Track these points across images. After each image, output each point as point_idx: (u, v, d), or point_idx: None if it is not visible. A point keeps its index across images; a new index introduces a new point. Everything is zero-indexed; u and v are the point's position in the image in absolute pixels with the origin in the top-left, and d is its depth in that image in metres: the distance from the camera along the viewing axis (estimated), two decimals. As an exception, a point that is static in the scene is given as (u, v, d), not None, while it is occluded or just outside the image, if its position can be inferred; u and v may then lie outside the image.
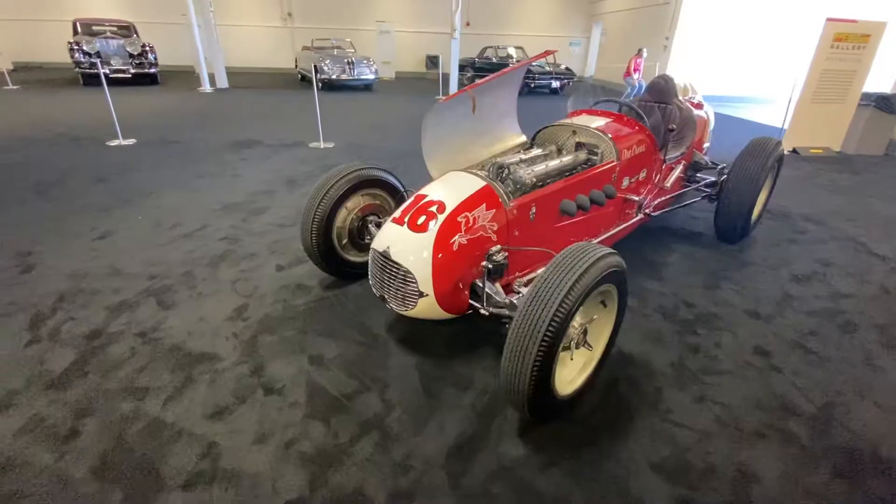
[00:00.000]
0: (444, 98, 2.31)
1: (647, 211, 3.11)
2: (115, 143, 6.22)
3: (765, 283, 3.12)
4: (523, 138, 3.13)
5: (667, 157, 3.30)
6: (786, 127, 7.28)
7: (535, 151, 2.82)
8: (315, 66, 13.06)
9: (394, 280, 2.05)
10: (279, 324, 2.46)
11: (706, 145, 4.38)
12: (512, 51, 15.18)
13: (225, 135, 7.01)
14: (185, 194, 4.40)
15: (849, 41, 6.43)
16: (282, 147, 6.42)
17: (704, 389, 2.11)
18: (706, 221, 4.16)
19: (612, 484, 1.63)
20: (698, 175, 3.94)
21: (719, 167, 3.77)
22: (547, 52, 2.66)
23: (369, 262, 2.20)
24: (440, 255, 1.97)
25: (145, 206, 4.05)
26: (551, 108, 10.79)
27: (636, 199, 2.90)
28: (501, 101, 2.87)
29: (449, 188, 2.18)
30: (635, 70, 12.48)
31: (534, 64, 13.88)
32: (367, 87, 13.99)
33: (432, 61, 18.76)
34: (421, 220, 2.04)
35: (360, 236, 2.78)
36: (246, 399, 1.94)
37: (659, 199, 3.36)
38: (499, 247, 2.10)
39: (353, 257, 2.83)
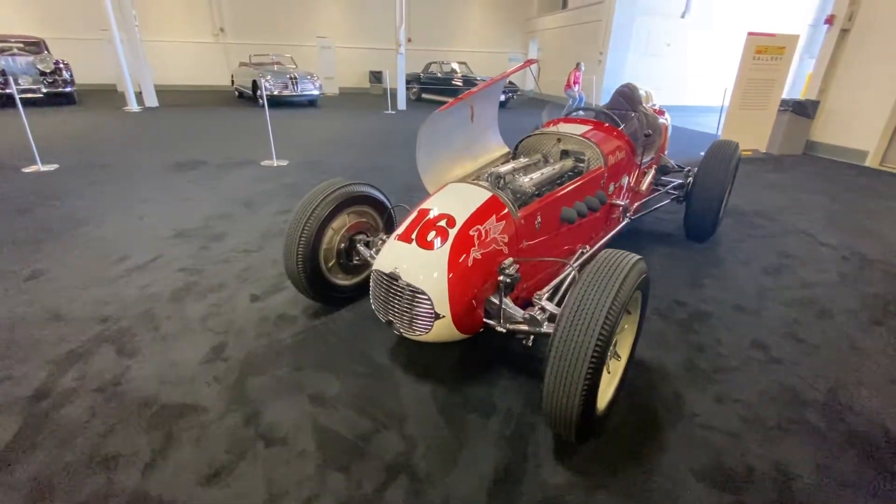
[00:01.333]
0: (441, 107, 2.20)
1: (629, 215, 3.16)
2: (32, 168, 5.49)
3: (741, 277, 3.26)
4: (507, 149, 3.08)
5: (641, 162, 3.39)
6: (720, 133, 7.88)
7: (525, 160, 2.77)
8: (255, 82, 12.61)
9: (404, 303, 1.87)
10: (267, 361, 2.19)
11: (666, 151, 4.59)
12: (455, 66, 15.43)
13: (163, 156, 6.43)
14: (130, 222, 3.92)
15: (768, 53, 7.11)
16: (231, 166, 5.98)
17: (720, 388, 2.12)
18: (673, 222, 4.33)
19: (665, 499, 1.55)
20: (664, 178, 4.10)
21: (685, 170, 3.95)
22: (529, 62, 2.63)
23: (371, 284, 2.02)
24: (455, 273, 1.83)
25: (82, 237, 3.56)
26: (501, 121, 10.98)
27: (622, 203, 2.93)
28: (484, 113, 2.81)
29: (454, 201, 2.05)
30: (575, 83, 13.09)
31: (477, 78, 14.20)
32: (311, 102, 13.60)
33: (375, 76, 18.66)
34: (431, 236, 1.90)
35: (347, 258, 2.57)
36: (245, 454, 1.67)
37: (636, 203, 3.43)
38: (510, 259, 1.99)
39: (342, 280, 2.61)
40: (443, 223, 1.93)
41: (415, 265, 1.85)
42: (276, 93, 12.19)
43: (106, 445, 1.69)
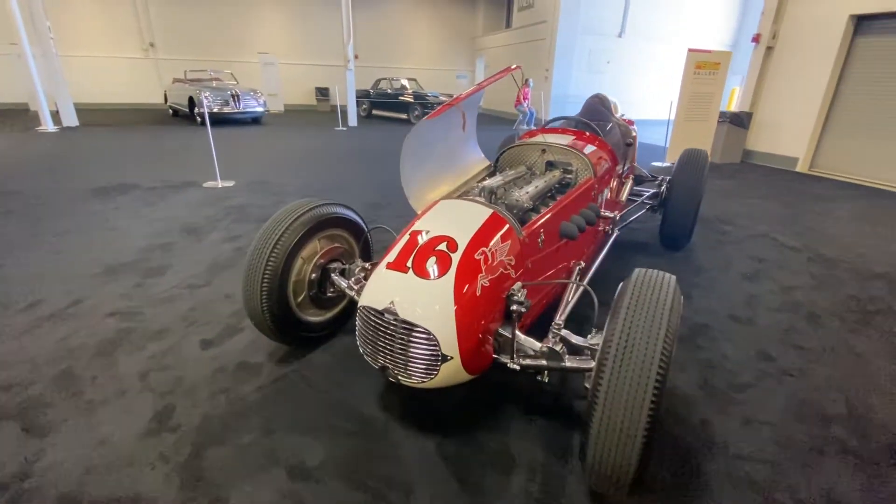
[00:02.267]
0: (430, 115, 1.94)
1: (617, 227, 3.03)
2: (-85, 199, 4.60)
3: (725, 285, 3.22)
4: (487, 162, 2.86)
5: (622, 172, 3.30)
6: (667, 145, 8.22)
7: (512, 173, 2.56)
8: (192, 99, 11.77)
9: (402, 345, 1.56)
10: (228, 427, 1.77)
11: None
12: (405, 82, 15.32)
13: (84, 180, 5.67)
14: (43, 258, 3.29)
15: (706, 68, 7.52)
16: (167, 190, 5.36)
17: (743, 409, 1.97)
18: (645, 231, 4.31)
19: (730, 560, 1.33)
20: (636, 188, 4.07)
21: (659, 179, 3.93)
22: (509, 70, 2.45)
23: (358, 324, 1.69)
24: (462, 305, 1.54)
25: (-23, 281, 2.91)
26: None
27: (611, 215, 2.79)
28: (466, 126, 2.58)
29: (451, 220, 1.78)
30: (524, 98, 13.36)
31: (428, 95, 14.16)
32: (255, 120, 12.92)
33: (322, 93, 18.17)
34: (430, 263, 1.61)
35: (320, 290, 2.21)
36: (209, 564, 1.27)
37: (619, 214, 3.33)
38: (519, 284, 1.74)
39: (313, 317, 2.24)
40: (442, 247, 1.64)
41: (413, 299, 1.55)
42: (216, 110, 11.43)
43: (5, 575, 1.22)
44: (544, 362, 1.65)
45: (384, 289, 1.61)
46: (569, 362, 1.60)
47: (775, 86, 7.99)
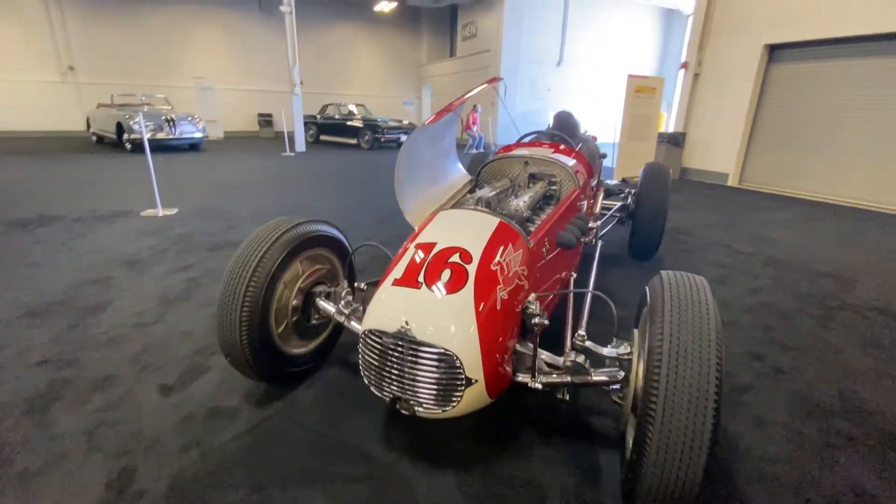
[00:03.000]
0: (428, 120, 1.82)
1: (597, 238, 3.04)
2: None
3: (699, 290, 3.31)
4: (469, 176, 2.79)
5: (597, 184, 3.35)
6: (614, 163, 8.67)
7: (500, 185, 2.49)
8: (120, 125, 10.92)
9: (420, 371, 1.38)
10: (207, 487, 1.48)
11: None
12: (353, 108, 15.23)
13: (-4, 212, 4.96)
14: (-57, 304, 2.75)
15: (644, 92, 8.08)
16: (97, 221, 4.79)
17: (751, 411, 1.96)
18: (610, 243, 4.40)
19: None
20: (604, 201, 4.16)
21: (625, 192, 4.05)
22: (494, 80, 2.42)
23: (362, 352, 1.49)
24: (483, 321, 1.40)
25: None
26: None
27: (595, 226, 2.79)
28: (446, 139, 2.51)
29: (458, 230, 1.65)
30: (473, 124, 13.71)
31: (379, 120, 14.13)
32: (193, 146, 12.18)
33: (265, 120, 17.61)
34: (445, 276, 1.46)
35: (304, 317, 1.97)
36: None
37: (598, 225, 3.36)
38: (534, 295, 1.63)
39: (296, 349, 1.99)
40: (455, 258, 1.50)
41: (430, 317, 1.39)
42: (149, 136, 10.64)
43: None
44: (569, 378, 1.53)
45: (393, 309, 1.44)
46: (598, 377, 1.50)
47: (704, 108, 8.74)
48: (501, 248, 1.60)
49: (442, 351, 1.35)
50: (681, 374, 1.12)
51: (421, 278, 1.46)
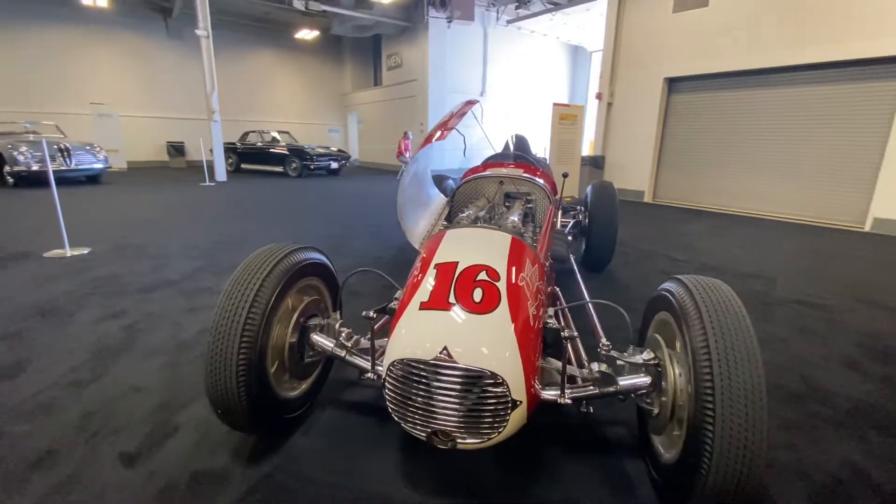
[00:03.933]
0: (436, 138, 1.77)
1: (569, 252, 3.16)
2: None
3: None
4: (444, 198, 2.77)
5: (560, 201, 3.50)
6: (545, 183, 9.20)
7: (482, 204, 2.50)
8: (1, 156, 9.42)
9: (465, 399, 1.30)
10: (216, 568, 1.23)
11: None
12: (276, 134, 14.64)
13: None
14: None
15: (567, 119, 8.75)
16: (-13, 266, 4.02)
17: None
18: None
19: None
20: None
21: (576, 209, 4.28)
22: (471, 103, 2.46)
23: (392, 385, 1.37)
24: (521, 339, 1.36)
25: None
26: (340, 187, 10.69)
27: (570, 240, 2.90)
28: (426, 164, 2.49)
29: (476, 248, 1.62)
30: (406, 150, 13.84)
31: (307, 147, 13.72)
32: (92, 178, 10.83)
33: (176, 149, 16.25)
34: (477, 295, 1.40)
35: (300, 355, 1.78)
36: None
37: (557, 242, 3.50)
38: (553, 309, 1.63)
39: (291, 391, 1.79)
40: (483, 276, 1.46)
41: (471, 339, 1.32)
42: (35, 168, 9.32)
43: None
44: (595, 390, 1.53)
45: (426, 334, 1.35)
46: (625, 384, 1.52)
47: (618, 134, 9.66)
48: (522, 264, 1.59)
49: (489, 374, 1.28)
50: (733, 373, 1.17)
51: (452, 299, 1.39)
